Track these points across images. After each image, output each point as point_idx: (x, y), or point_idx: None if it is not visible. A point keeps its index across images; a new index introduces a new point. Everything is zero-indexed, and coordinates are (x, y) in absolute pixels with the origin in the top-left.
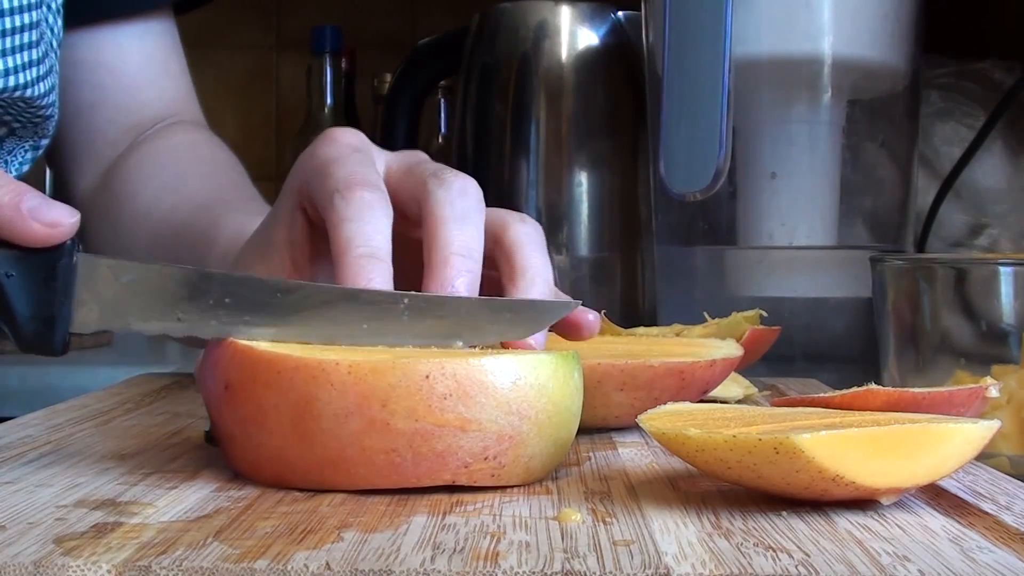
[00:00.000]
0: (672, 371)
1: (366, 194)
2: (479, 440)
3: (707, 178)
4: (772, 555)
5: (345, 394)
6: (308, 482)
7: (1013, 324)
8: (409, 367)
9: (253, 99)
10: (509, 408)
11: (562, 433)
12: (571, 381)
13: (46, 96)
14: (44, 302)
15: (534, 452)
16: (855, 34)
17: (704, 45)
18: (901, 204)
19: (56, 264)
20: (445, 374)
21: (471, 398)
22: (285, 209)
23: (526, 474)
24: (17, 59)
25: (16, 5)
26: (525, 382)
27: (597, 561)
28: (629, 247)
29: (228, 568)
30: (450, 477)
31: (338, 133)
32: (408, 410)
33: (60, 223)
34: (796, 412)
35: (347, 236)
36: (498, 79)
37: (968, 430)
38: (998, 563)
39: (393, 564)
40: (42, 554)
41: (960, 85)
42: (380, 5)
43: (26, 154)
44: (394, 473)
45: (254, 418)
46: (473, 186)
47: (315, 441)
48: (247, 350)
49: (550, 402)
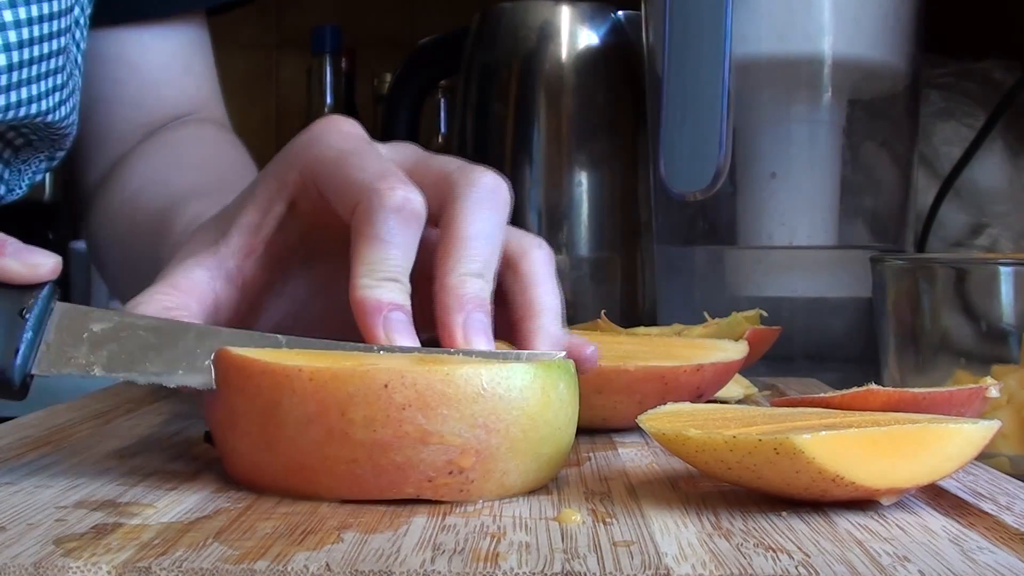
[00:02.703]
0: (651, 375)
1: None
2: (442, 454)
3: (707, 178)
4: (772, 556)
5: (306, 401)
6: (277, 489)
7: (1013, 324)
8: (368, 375)
9: (253, 99)
10: (474, 421)
11: (544, 448)
12: (554, 392)
13: (67, 117)
14: (10, 339)
15: (508, 468)
16: (855, 34)
17: (704, 45)
18: (901, 204)
19: (30, 303)
20: (405, 383)
21: (432, 409)
22: (263, 193)
23: (501, 490)
24: (42, 86)
25: (46, 32)
26: (492, 393)
27: (597, 562)
28: (629, 247)
29: (228, 569)
30: (413, 491)
31: (342, 123)
32: (366, 420)
33: (41, 264)
34: (796, 412)
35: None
36: (498, 79)
37: (968, 430)
38: (998, 563)
39: (393, 565)
40: (42, 555)
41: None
42: (380, 5)
43: (40, 164)
44: (355, 484)
45: (228, 421)
46: (502, 185)
47: (279, 448)
48: (223, 352)
49: (524, 415)
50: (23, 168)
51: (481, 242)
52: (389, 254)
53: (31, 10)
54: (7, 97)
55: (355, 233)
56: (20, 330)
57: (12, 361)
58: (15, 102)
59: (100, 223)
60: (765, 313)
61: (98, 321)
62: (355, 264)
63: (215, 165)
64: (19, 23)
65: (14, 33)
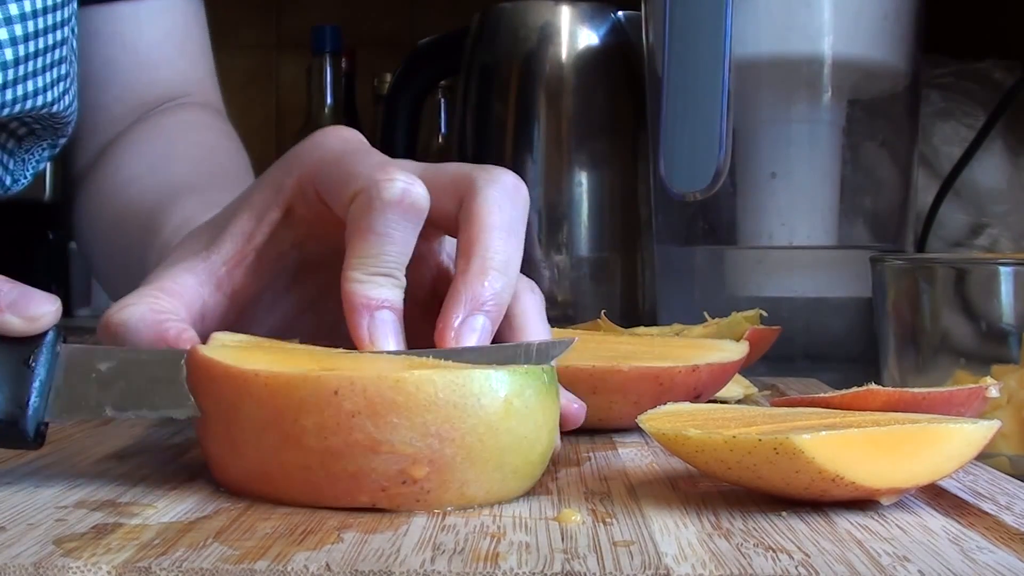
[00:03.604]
0: (646, 375)
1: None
2: (393, 463)
3: (707, 178)
4: (772, 556)
5: (262, 406)
6: (245, 492)
7: (1013, 324)
8: (319, 381)
9: (253, 99)
10: (426, 430)
11: (508, 458)
12: (518, 399)
13: (70, 106)
14: (19, 389)
15: (467, 478)
16: (855, 34)
17: (704, 45)
18: (901, 204)
19: (35, 351)
20: (354, 390)
21: (381, 417)
22: (259, 200)
23: (462, 500)
24: (47, 78)
25: (50, 24)
26: (446, 400)
27: (597, 562)
28: (629, 247)
29: (228, 569)
30: (368, 500)
31: (343, 130)
32: (317, 427)
33: (40, 316)
34: (796, 412)
35: (367, 254)
36: (498, 79)
37: (968, 430)
38: (998, 563)
39: (393, 565)
40: (42, 555)
41: (960, 85)
42: (380, 5)
43: (43, 152)
44: (312, 491)
45: (201, 423)
46: (522, 185)
47: (241, 452)
48: (193, 352)
49: (482, 423)
50: (27, 157)
51: (504, 235)
52: (384, 248)
53: (35, 1)
54: (14, 91)
55: (350, 225)
56: (28, 380)
57: (24, 412)
58: (22, 95)
59: (88, 210)
60: (765, 313)
61: (104, 359)
62: (348, 257)
63: (208, 157)
64: (24, 16)
65: (20, 27)
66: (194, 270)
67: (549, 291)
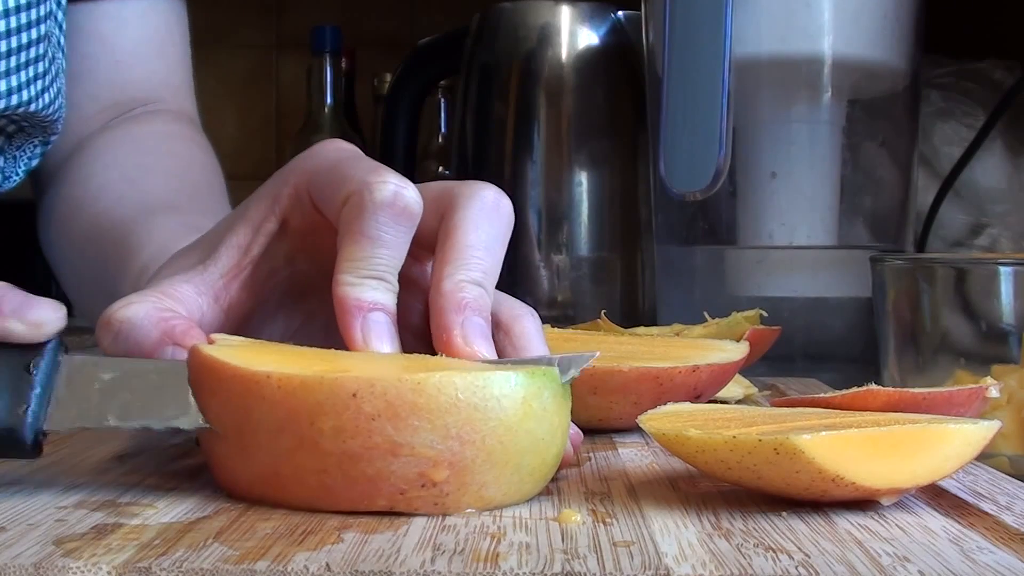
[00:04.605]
0: (646, 376)
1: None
2: (413, 466)
3: (707, 178)
4: (772, 556)
5: (276, 409)
6: (251, 496)
7: (1013, 324)
8: (337, 383)
9: (253, 99)
10: (447, 432)
11: (527, 460)
12: (536, 401)
13: (52, 103)
14: (18, 398)
15: (486, 480)
16: (855, 34)
17: (704, 45)
18: (901, 204)
19: (36, 358)
20: (374, 393)
21: (402, 420)
22: (256, 212)
23: (481, 503)
24: (22, 76)
25: (24, 22)
26: (467, 403)
27: (597, 562)
28: (629, 247)
29: (228, 569)
30: (386, 503)
31: (339, 142)
32: (335, 430)
33: (44, 323)
34: (796, 412)
35: (358, 257)
36: (498, 79)
37: (968, 430)
38: (998, 564)
39: (393, 565)
40: (42, 555)
41: (960, 85)
42: (380, 5)
43: (35, 149)
44: (327, 495)
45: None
46: (504, 200)
47: (252, 455)
48: (195, 351)
49: (501, 425)
50: (18, 155)
51: (481, 252)
52: (376, 251)
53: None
54: None
55: (342, 228)
56: (28, 387)
57: (23, 420)
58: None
59: (56, 217)
60: (765, 313)
61: (107, 369)
62: (339, 261)
63: (183, 173)
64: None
65: (3, 23)
66: (192, 281)
67: (549, 291)
